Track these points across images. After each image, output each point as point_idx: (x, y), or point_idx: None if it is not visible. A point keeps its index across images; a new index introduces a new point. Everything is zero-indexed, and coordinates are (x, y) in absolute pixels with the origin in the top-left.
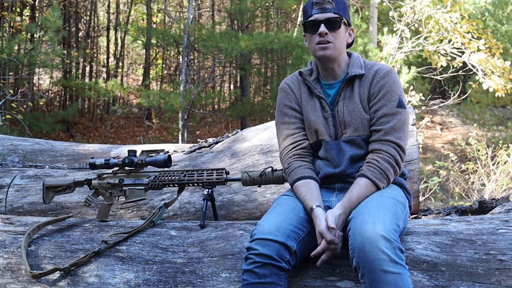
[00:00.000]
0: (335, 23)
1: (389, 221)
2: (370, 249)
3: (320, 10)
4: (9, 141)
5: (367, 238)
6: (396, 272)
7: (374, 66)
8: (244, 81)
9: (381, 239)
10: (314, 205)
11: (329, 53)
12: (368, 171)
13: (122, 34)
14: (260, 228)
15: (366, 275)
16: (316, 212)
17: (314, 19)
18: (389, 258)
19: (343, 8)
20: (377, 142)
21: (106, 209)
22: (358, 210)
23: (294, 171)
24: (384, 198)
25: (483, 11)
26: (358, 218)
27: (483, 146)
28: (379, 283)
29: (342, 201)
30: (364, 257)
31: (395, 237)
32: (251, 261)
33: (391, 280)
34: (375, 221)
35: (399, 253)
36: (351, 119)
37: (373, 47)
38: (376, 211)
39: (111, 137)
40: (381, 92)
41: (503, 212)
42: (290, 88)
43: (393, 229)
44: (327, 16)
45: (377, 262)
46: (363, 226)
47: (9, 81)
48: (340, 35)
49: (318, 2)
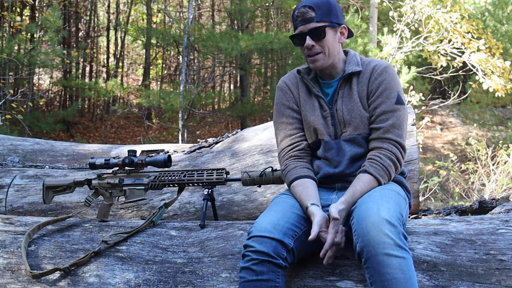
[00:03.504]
0: (320, 33)
1: (393, 209)
2: (374, 233)
3: (302, 22)
4: (9, 141)
5: (371, 222)
6: (401, 256)
7: (372, 63)
8: (244, 81)
9: (385, 223)
10: (309, 203)
11: (319, 64)
12: (371, 167)
13: (122, 34)
14: (257, 225)
15: (369, 259)
16: (311, 210)
17: (299, 32)
18: (393, 242)
19: (326, 13)
20: (377, 140)
21: (106, 209)
22: (362, 200)
23: (290, 172)
24: (387, 190)
25: (483, 11)
26: (361, 206)
27: (483, 146)
28: (383, 267)
29: (345, 196)
30: (368, 241)
31: (399, 224)
32: (248, 259)
33: (396, 263)
34: (379, 207)
35: (403, 239)
36: (350, 117)
37: (373, 47)
38: (380, 199)
39: (111, 137)
40: (380, 89)
41: (503, 212)
42: (288, 87)
43: (397, 216)
44: (310, 27)
45: (381, 246)
46: (367, 212)
47: (9, 81)
48: (328, 42)
49: (299, 15)
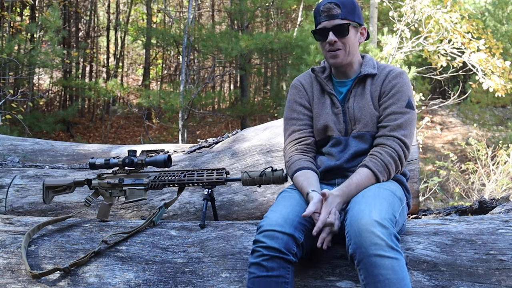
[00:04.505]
0: (344, 29)
1: (385, 210)
2: (366, 234)
3: (327, 18)
4: (9, 141)
5: (363, 224)
6: (393, 257)
7: (387, 68)
8: (244, 81)
9: (376, 225)
10: (310, 189)
11: (339, 60)
12: (370, 162)
13: (122, 34)
14: (268, 220)
15: (362, 261)
16: (311, 195)
17: (322, 28)
18: (385, 243)
19: (351, 11)
20: (382, 137)
21: (106, 209)
22: (355, 200)
23: (294, 163)
24: (382, 190)
25: (483, 11)
26: (354, 208)
27: (483, 146)
28: (376, 267)
29: (341, 186)
30: (360, 243)
31: (391, 225)
32: (258, 254)
33: (388, 264)
34: (371, 209)
35: (394, 240)
36: (361, 114)
37: (373, 47)
38: (372, 200)
39: (111, 137)
40: (392, 91)
41: (503, 212)
42: (302, 85)
43: (389, 218)
44: (334, 24)
45: (373, 247)
46: (359, 214)
47: (9, 81)
48: (350, 40)
49: (325, 10)
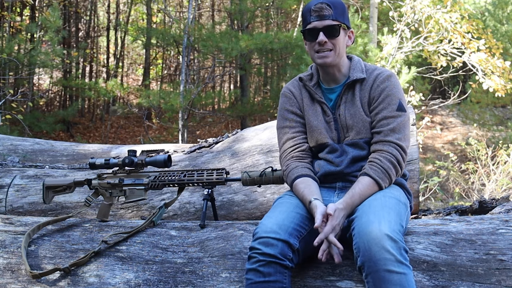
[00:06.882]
0: (334, 30)
1: (394, 221)
2: (376, 249)
3: (318, 18)
4: (9, 141)
5: (373, 238)
6: (401, 272)
7: (375, 71)
8: (244, 81)
9: (386, 239)
10: (313, 198)
11: (329, 61)
12: (370, 169)
13: (122, 34)
14: (263, 226)
15: (370, 274)
16: (314, 203)
17: (313, 27)
18: (394, 258)
19: (341, 13)
20: (378, 143)
21: (106, 209)
22: (362, 209)
23: (292, 171)
24: (388, 198)
25: (483, 11)
26: (362, 218)
27: (483, 146)
28: (384, 283)
29: (344, 198)
30: (369, 257)
31: (400, 238)
32: (255, 260)
33: (396, 280)
34: (380, 220)
35: (404, 254)
36: (353, 122)
37: (373, 47)
38: (380, 211)
39: (111, 137)
40: (381, 96)
41: (503, 212)
42: (292, 93)
43: (398, 229)
44: (325, 24)
45: (382, 262)
46: (369, 226)
47: (9, 81)
48: (340, 42)
49: (316, 10)
